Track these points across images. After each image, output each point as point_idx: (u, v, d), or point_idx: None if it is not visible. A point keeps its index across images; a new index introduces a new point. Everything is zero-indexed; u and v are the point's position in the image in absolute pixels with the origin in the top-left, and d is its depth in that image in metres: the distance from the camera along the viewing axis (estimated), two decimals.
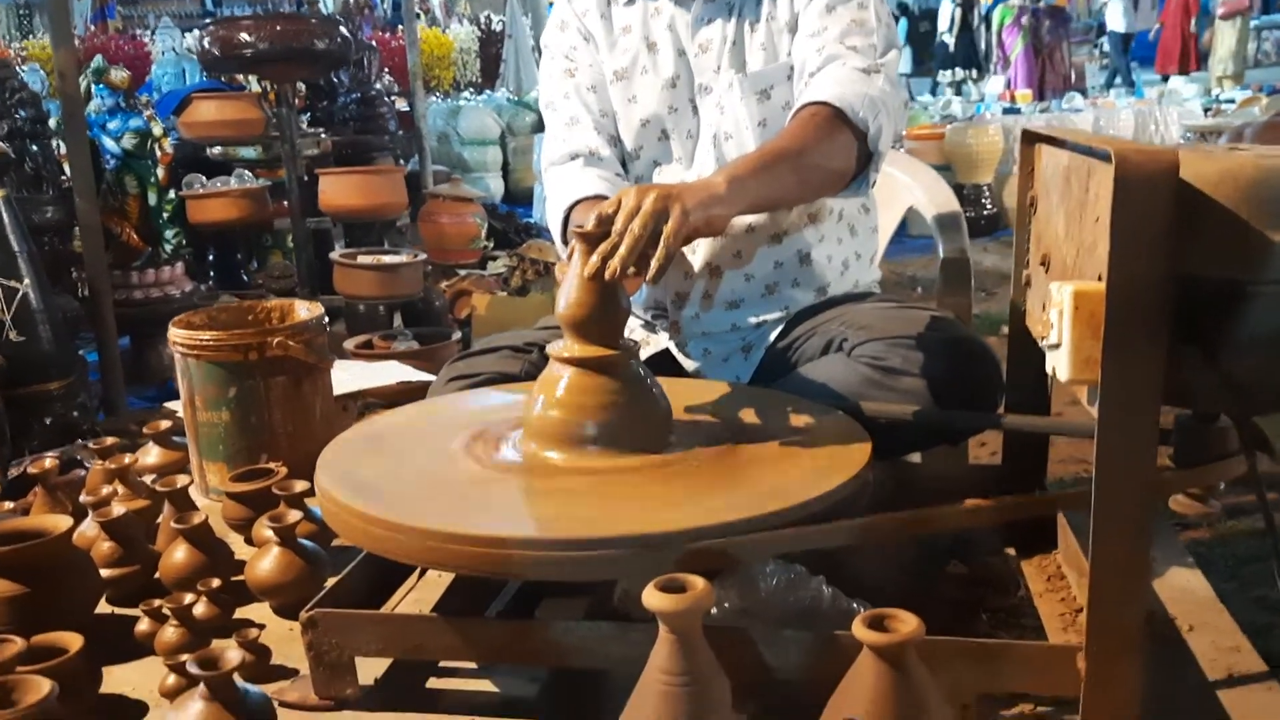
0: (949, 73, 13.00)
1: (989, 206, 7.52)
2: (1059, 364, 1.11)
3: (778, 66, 1.76)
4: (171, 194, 4.81)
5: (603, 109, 1.87)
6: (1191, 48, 13.38)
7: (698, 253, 1.81)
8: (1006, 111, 8.73)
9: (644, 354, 1.81)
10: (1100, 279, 1.09)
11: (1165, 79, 12.27)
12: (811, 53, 1.70)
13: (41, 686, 0.95)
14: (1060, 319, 1.09)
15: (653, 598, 0.93)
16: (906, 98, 2.23)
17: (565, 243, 1.73)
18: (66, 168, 3.95)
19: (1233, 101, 9.40)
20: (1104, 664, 1.08)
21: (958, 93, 11.53)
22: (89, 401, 3.37)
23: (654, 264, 1.30)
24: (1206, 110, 9.07)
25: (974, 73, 13.45)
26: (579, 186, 1.78)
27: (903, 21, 15.99)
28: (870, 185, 1.70)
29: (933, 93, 12.18)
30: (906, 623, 0.96)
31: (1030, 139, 1.49)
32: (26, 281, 3.05)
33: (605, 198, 1.70)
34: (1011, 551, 1.53)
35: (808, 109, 1.61)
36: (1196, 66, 13.06)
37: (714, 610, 1.22)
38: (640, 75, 1.83)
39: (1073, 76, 12.71)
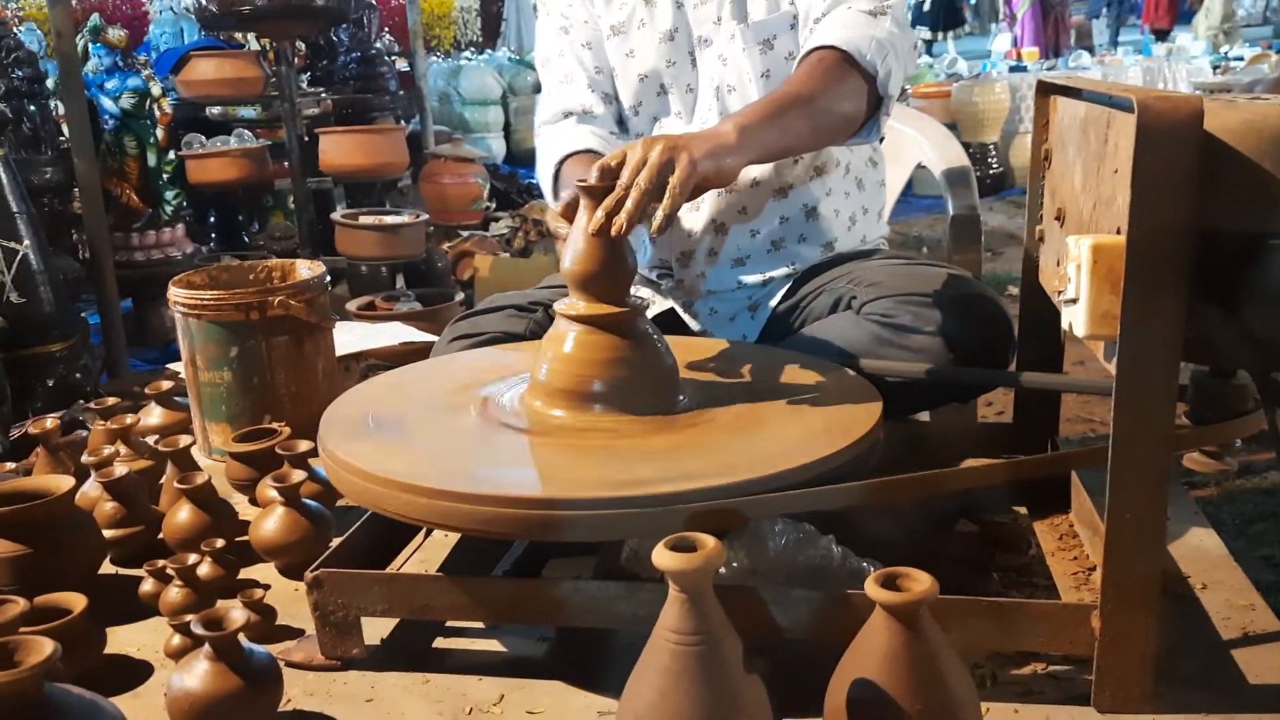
0: (920, 29, 12.68)
1: (995, 165, 7.47)
2: (1075, 319, 1.08)
3: (780, 15, 1.72)
4: (171, 155, 4.77)
5: (598, 66, 1.84)
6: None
7: (702, 209, 1.79)
8: (1013, 70, 8.64)
9: (649, 313, 1.79)
10: (1119, 232, 1.07)
11: (1161, 35, 12.08)
12: (816, 0, 1.67)
13: (44, 647, 0.94)
14: (1078, 273, 1.06)
15: (663, 557, 0.91)
16: (916, 40, 2.18)
17: (555, 199, 1.70)
18: (65, 128, 3.91)
19: (1241, 59, 9.31)
20: (1118, 622, 1.07)
21: (928, 52, 11.35)
22: (91, 363, 3.36)
23: (659, 215, 1.27)
24: (1215, 68, 8.98)
25: (951, 33, 13.15)
26: (569, 141, 1.76)
27: None
28: (881, 130, 1.66)
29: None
30: (920, 582, 0.95)
31: (1045, 90, 1.46)
32: (26, 243, 3.03)
33: (596, 153, 1.69)
34: (1022, 510, 1.51)
35: (815, 54, 1.57)
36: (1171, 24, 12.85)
37: (721, 570, 1.21)
38: (638, 29, 1.80)
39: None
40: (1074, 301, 1.08)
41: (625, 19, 1.81)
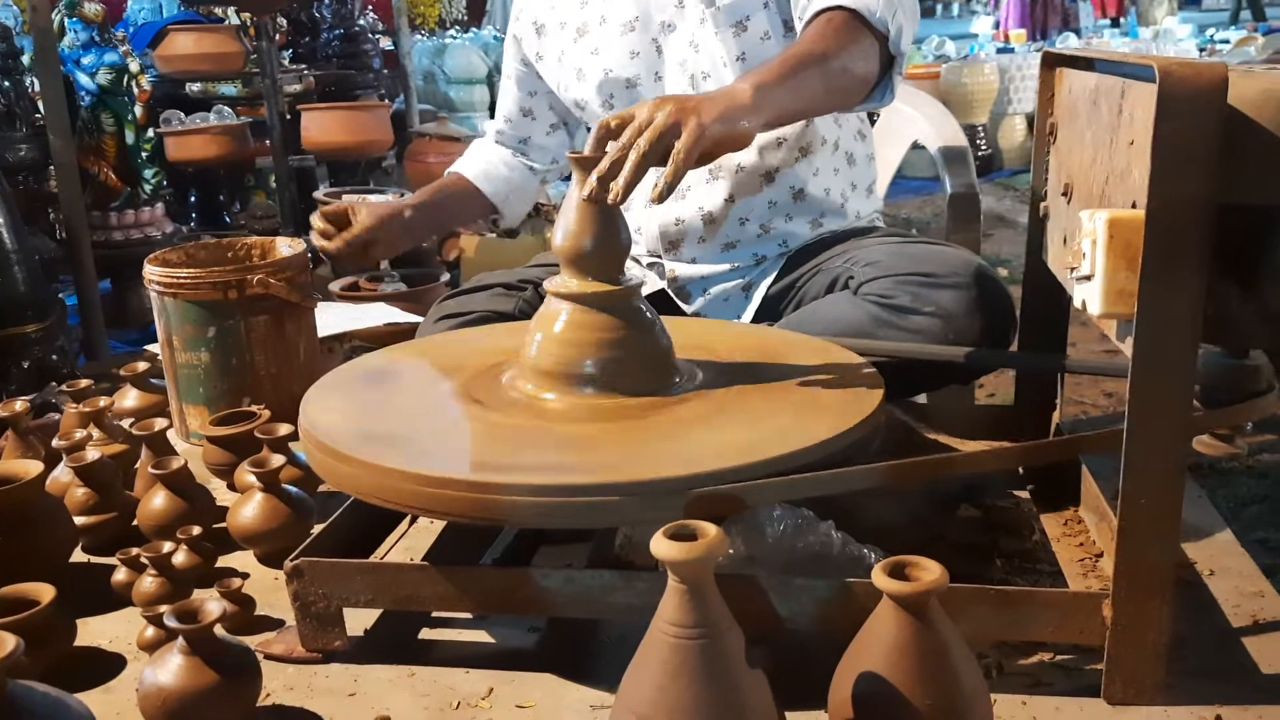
0: None
1: (984, 147, 7.42)
2: (1090, 297, 1.04)
3: None
4: (150, 132, 4.69)
5: (531, 89, 1.95)
6: None
7: (688, 198, 1.74)
8: (1001, 51, 8.61)
9: (644, 291, 1.74)
10: (1135, 206, 1.02)
11: (1114, 23, 12.01)
12: None
13: (5, 643, 0.89)
14: (1093, 249, 1.02)
15: (662, 546, 0.87)
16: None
17: None
18: (40, 105, 3.83)
19: (1227, 42, 9.30)
20: (1130, 611, 1.03)
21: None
22: (68, 345, 3.29)
23: (660, 182, 1.17)
24: (1201, 50, 8.96)
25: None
26: (465, 160, 2.03)
27: None
28: (894, 91, 1.56)
29: None
30: (930, 571, 0.91)
31: (1051, 62, 1.41)
32: (1, 222, 2.95)
33: (466, 180, 1.96)
34: (1026, 494, 1.47)
35: (823, 15, 1.49)
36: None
37: (719, 557, 1.17)
38: (598, 26, 1.76)
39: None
40: (1088, 278, 1.04)
41: (586, 19, 1.77)
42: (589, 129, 1.81)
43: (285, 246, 1.98)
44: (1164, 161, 0.93)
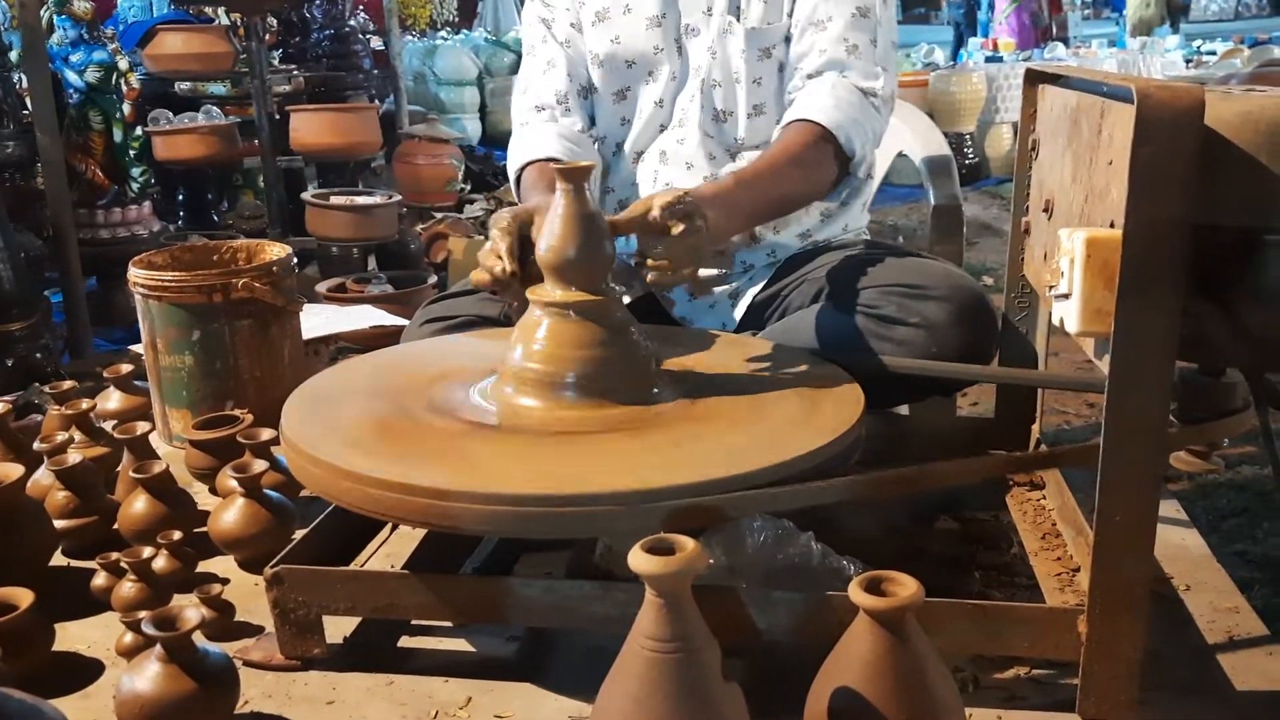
0: None
1: (971, 155, 7.45)
2: (1067, 315, 1.05)
3: (780, 26, 1.72)
4: (138, 130, 4.67)
5: (578, 56, 1.81)
6: None
7: None
8: (989, 60, 8.63)
9: (628, 299, 1.74)
10: (1112, 226, 1.03)
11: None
12: (813, 50, 1.68)
13: None
14: (1071, 267, 1.03)
15: (639, 560, 0.87)
16: (895, 101, 2.12)
17: (520, 201, 1.68)
18: (28, 102, 3.82)
19: (1214, 53, 9.35)
20: (1105, 626, 1.04)
21: None
22: (53, 343, 3.28)
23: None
24: (1188, 61, 9.01)
25: None
26: (534, 146, 1.73)
27: None
28: (844, 194, 1.76)
29: None
30: (905, 586, 0.91)
31: (1034, 79, 1.43)
32: None
33: (558, 160, 1.65)
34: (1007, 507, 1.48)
35: (809, 130, 1.61)
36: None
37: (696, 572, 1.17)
38: (622, 15, 1.76)
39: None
40: (1066, 297, 1.05)
41: (607, 4, 1.77)
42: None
43: (271, 250, 1.98)
44: (1141, 183, 0.94)
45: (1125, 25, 12.23)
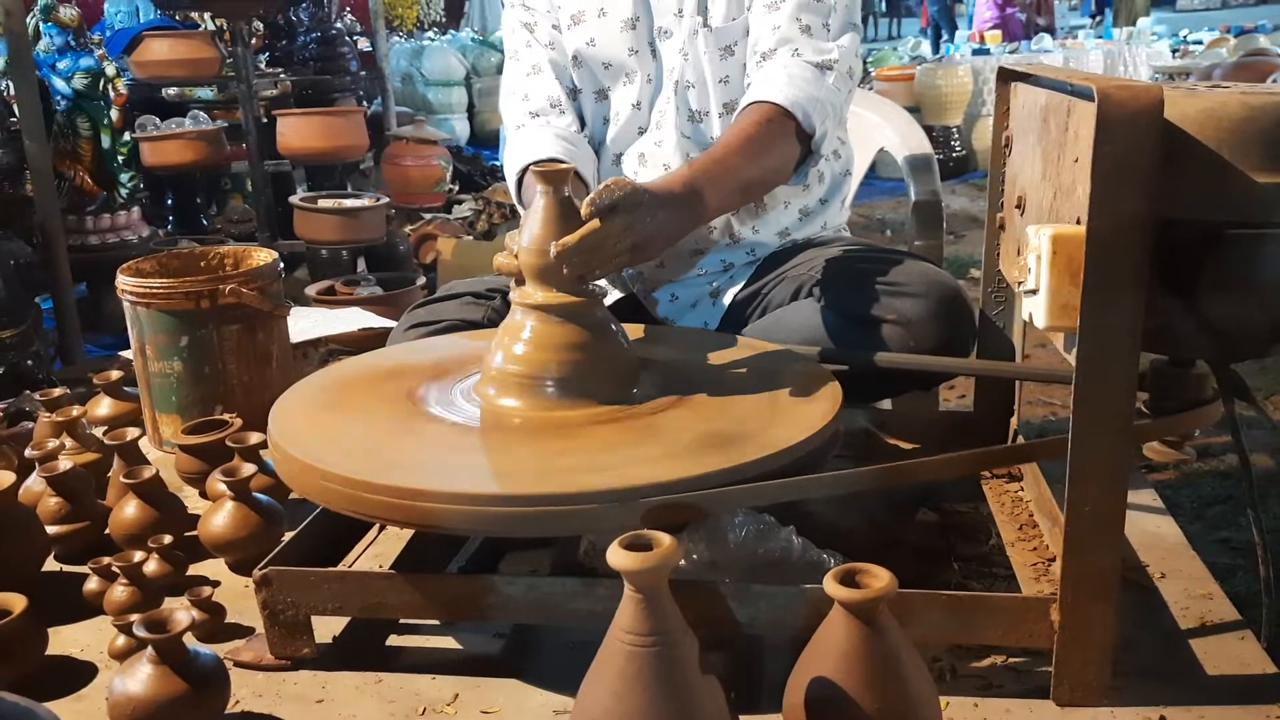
0: None
1: (958, 148, 7.49)
2: (1035, 310, 1.07)
3: (740, 22, 1.72)
4: (126, 136, 4.68)
5: (561, 59, 1.82)
6: None
7: None
8: (975, 53, 8.67)
9: (610, 299, 1.76)
10: (1079, 222, 1.05)
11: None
12: (766, 29, 1.68)
13: None
14: (1038, 263, 1.05)
15: (617, 556, 0.89)
16: (858, 79, 2.11)
17: (522, 205, 1.69)
18: (15, 109, 3.83)
19: (1200, 43, 9.39)
20: (1077, 614, 1.06)
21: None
22: (43, 350, 3.30)
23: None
24: (1174, 51, 9.05)
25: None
26: (533, 149, 1.72)
27: None
28: (807, 175, 1.73)
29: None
30: (879, 578, 0.93)
31: (1006, 77, 1.45)
32: None
33: (560, 161, 1.65)
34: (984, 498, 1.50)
35: (764, 111, 1.59)
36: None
37: (681, 562, 1.19)
38: (597, 18, 1.77)
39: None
40: (1034, 292, 1.07)
41: (582, 7, 1.78)
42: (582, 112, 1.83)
43: (258, 255, 2.00)
44: (1103, 181, 0.96)
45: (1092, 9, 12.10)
